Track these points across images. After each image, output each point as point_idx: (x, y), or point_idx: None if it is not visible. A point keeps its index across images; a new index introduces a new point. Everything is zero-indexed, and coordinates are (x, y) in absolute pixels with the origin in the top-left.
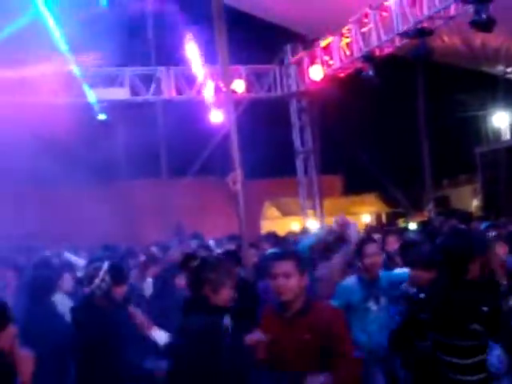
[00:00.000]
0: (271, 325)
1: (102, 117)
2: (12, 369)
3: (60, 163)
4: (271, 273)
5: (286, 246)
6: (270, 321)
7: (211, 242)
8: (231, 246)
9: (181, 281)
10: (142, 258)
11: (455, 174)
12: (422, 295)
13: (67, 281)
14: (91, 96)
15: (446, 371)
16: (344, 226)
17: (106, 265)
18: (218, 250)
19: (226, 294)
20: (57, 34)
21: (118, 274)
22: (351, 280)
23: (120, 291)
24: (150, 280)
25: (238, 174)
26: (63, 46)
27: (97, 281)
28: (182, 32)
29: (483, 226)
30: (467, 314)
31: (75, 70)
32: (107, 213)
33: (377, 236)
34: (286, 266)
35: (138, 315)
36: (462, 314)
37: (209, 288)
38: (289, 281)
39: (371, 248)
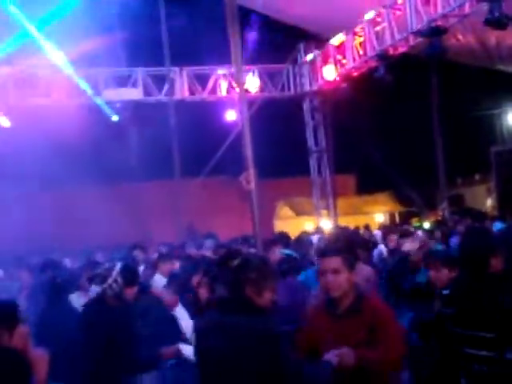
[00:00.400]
0: (320, 322)
1: (115, 118)
2: (27, 368)
3: (72, 164)
4: (320, 269)
5: (299, 246)
6: (318, 319)
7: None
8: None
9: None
10: (155, 255)
11: (469, 172)
12: (445, 291)
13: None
14: (104, 97)
15: (471, 364)
16: None
17: (118, 266)
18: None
19: (268, 296)
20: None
21: (130, 275)
22: None
23: (131, 292)
24: (159, 277)
25: (251, 173)
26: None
27: (109, 281)
28: (196, 32)
29: (497, 226)
30: (492, 305)
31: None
32: (120, 214)
33: (394, 237)
34: (335, 261)
35: (163, 293)
36: (488, 305)
37: (251, 289)
38: (338, 277)
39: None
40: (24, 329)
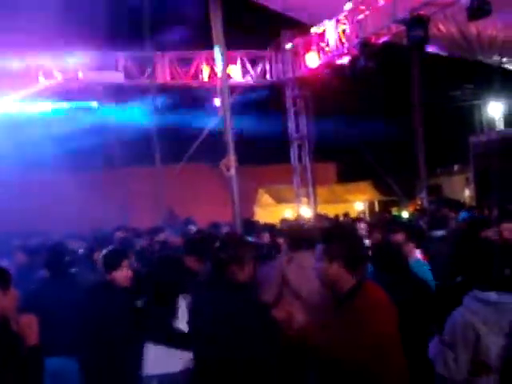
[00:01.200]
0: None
1: (94, 104)
2: (16, 338)
3: (51, 150)
4: None
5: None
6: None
7: None
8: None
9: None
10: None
11: (449, 163)
12: None
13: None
14: (85, 80)
15: None
16: None
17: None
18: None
19: (249, 270)
20: None
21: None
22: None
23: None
24: None
25: (231, 159)
26: None
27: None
28: (178, 16)
29: (462, 215)
30: None
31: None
32: (101, 199)
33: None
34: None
35: None
36: None
37: (235, 266)
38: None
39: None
40: (14, 292)
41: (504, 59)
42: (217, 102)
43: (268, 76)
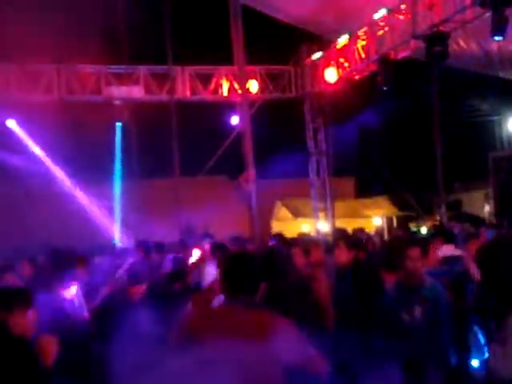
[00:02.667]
0: None
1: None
2: (35, 357)
3: (71, 161)
4: None
5: None
6: None
7: None
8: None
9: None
10: None
11: (468, 178)
12: None
13: None
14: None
15: None
16: None
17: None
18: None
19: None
20: None
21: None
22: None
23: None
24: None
25: (251, 173)
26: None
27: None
28: (199, 31)
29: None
30: None
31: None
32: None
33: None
34: None
35: None
36: None
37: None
38: None
39: (415, 251)
40: (34, 313)
41: None
42: (237, 117)
43: (287, 90)
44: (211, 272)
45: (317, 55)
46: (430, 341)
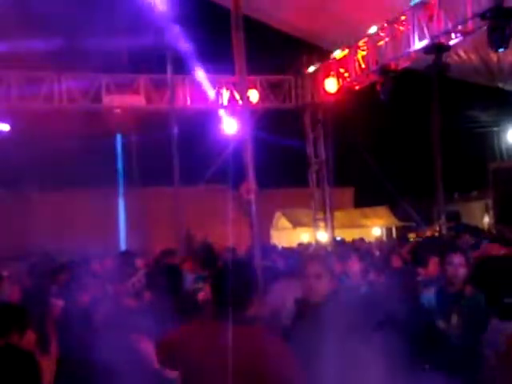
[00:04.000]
0: None
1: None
2: (40, 371)
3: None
4: None
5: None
6: None
7: None
8: None
9: None
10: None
11: (467, 189)
12: None
13: None
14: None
15: None
16: None
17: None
18: None
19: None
20: None
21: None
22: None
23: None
24: None
25: (251, 183)
26: None
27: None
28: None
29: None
30: None
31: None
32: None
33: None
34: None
35: None
36: None
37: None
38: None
39: (457, 257)
40: (32, 334)
41: None
42: (234, 127)
43: (287, 100)
44: None
45: (313, 67)
46: (466, 352)
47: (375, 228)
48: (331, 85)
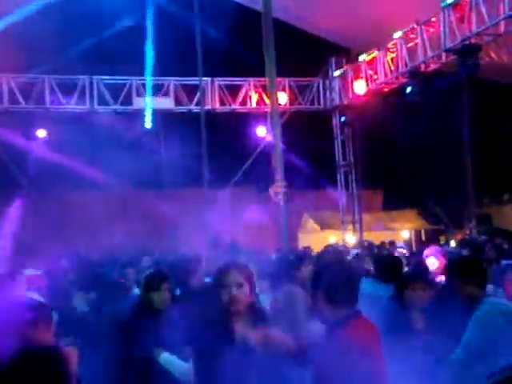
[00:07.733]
0: None
1: (147, 125)
2: (67, 367)
3: (103, 169)
4: None
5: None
6: None
7: None
8: None
9: None
10: None
11: (498, 192)
12: None
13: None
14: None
15: None
16: None
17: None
18: None
19: None
20: None
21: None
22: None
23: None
24: None
25: (280, 185)
26: None
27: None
28: (228, 43)
29: None
30: None
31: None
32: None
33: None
34: None
35: None
36: None
37: None
38: None
39: None
40: (55, 327)
41: None
42: (262, 129)
43: (316, 103)
44: None
45: (342, 70)
46: None
47: (404, 231)
48: (360, 87)
